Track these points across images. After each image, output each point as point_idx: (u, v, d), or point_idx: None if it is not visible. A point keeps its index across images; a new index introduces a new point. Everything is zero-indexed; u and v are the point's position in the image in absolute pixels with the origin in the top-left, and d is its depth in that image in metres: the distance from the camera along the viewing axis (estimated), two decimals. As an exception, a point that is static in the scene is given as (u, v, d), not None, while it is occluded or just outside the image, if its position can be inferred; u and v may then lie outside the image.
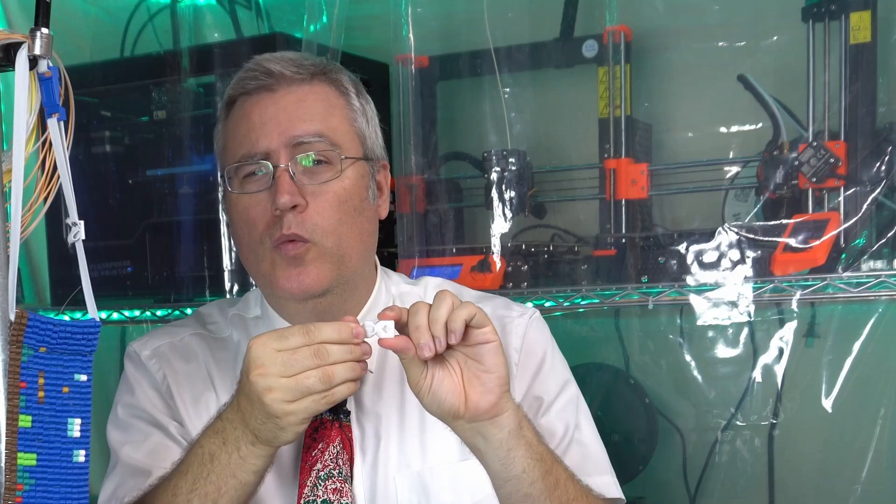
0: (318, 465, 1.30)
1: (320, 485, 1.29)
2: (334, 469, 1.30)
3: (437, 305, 1.12)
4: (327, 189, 1.29)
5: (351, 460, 1.32)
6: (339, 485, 1.30)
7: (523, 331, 1.41)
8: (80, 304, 0.95)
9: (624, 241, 1.96)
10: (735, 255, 1.85)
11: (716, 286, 1.86)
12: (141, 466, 1.30)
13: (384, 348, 1.14)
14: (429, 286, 1.45)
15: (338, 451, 1.31)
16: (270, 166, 1.28)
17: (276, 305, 1.38)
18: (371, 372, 1.36)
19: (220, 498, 1.17)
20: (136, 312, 2.22)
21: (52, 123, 0.93)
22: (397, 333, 1.13)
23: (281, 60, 1.32)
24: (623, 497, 1.39)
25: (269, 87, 1.31)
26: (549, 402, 1.38)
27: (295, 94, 1.31)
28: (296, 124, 1.29)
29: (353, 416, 1.33)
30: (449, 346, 1.13)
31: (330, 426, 1.31)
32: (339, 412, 1.32)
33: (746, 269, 1.84)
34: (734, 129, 2.01)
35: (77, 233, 0.95)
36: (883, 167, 1.77)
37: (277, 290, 1.30)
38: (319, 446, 1.30)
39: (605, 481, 1.36)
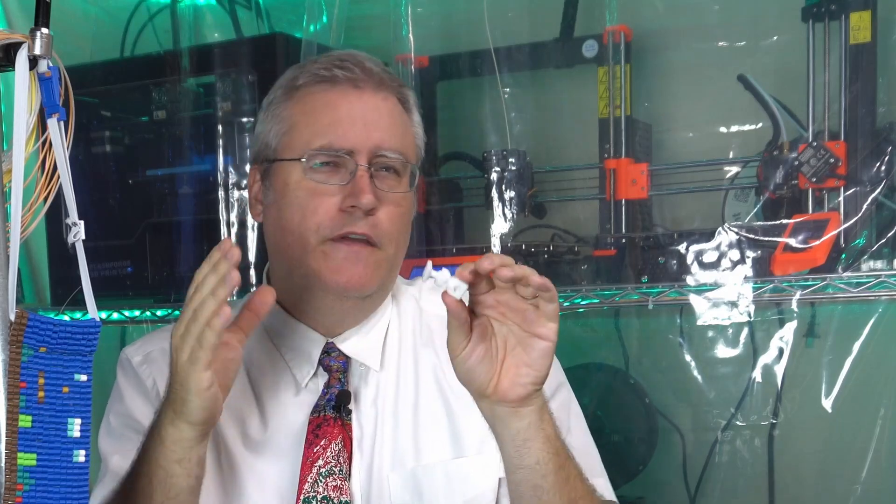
0: (320, 462, 1.30)
1: (321, 481, 1.29)
2: (335, 466, 1.30)
3: (524, 266, 1.11)
4: (398, 199, 1.30)
5: (350, 458, 1.32)
6: (339, 482, 1.30)
7: None
8: (80, 304, 0.95)
9: (624, 241, 1.97)
10: (735, 255, 1.85)
11: (716, 286, 1.86)
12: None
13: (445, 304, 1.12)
14: (423, 286, 1.46)
15: (339, 449, 1.31)
16: (352, 163, 1.28)
17: (296, 300, 1.35)
18: (376, 371, 1.36)
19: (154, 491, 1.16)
20: (136, 312, 2.22)
21: (52, 123, 0.93)
22: (462, 300, 1.11)
23: (373, 61, 1.33)
24: (616, 500, 1.39)
25: (355, 82, 1.30)
26: None
27: (378, 99, 1.31)
28: (382, 133, 1.29)
29: (353, 415, 1.34)
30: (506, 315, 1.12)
31: (333, 423, 1.32)
32: (341, 410, 1.32)
33: (746, 269, 1.84)
34: (734, 129, 2.01)
35: (77, 233, 0.95)
36: (883, 167, 1.77)
37: (324, 279, 1.28)
38: (322, 443, 1.31)
39: (598, 484, 1.35)
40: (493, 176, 2.02)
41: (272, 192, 1.33)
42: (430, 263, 1.15)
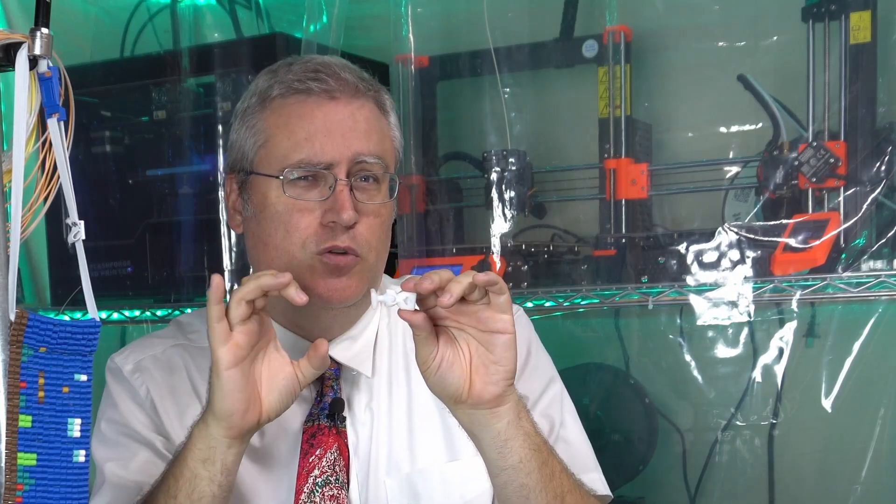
0: (316, 472, 1.29)
1: (317, 491, 1.28)
2: (331, 476, 1.29)
3: (465, 274, 1.11)
4: (378, 210, 1.30)
5: (347, 466, 1.31)
6: (335, 491, 1.29)
7: None
8: (80, 304, 0.95)
9: (624, 241, 1.96)
10: (735, 255, 1.85)
11: (716, 286, 1.86)
12: (130, 485, 1.28)
13: (403, 319, 1.12)
14: None
15: (335, 458, 1.30)
16: (331, 177, 1.27)
17: (283, 309, 1.34)
18: (368, 377, 1.36)
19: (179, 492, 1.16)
20: (136, 312, 2.22)
21: (52, 123, 0.93)
22: (417, 308, 1.11)
23: (347, 69, 1.31)
24: (610, 493, 1.38)
25: (331, 93, 1.28)
26: (533, 400, 1.37)
27: (354, 107, 1.29)
28: (360, 140, 1.28)
29: (348, 422, 1.33)
30: (462, 320, 1.12)
31: (327, 432, 1.31)
32: (335, 418, 1.32)
33: (746, 269, 1.84)
34: (734, 129, 2.01)
35: (77, 233, 0.95)
36: (883, 167, 1.77)
37: (309, 292, 1.24)
38: (317, 452, 1.30)
39: (592, 478, 1.36)
40: (493, 176, 2.02)
41: (251, 206, 1.32)
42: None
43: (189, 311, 1.95)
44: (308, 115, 1.28)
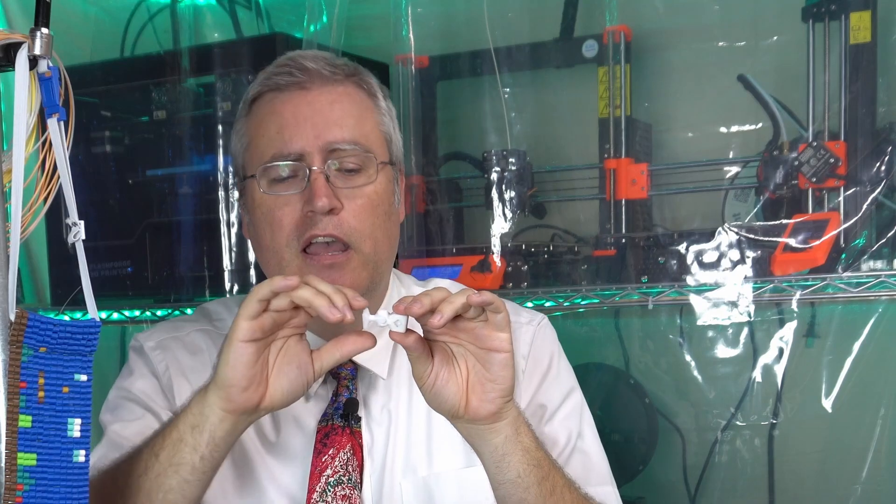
0: (328, 471, 1.29)
1: (329, 491, 1.28)
2: (344, 476, 1.29)
3: (459, 294, 1.09)
4: (362, 193, 1.28)
5: (360, 466, 1.31)
6: (348, 491, 1.29)
7: (531, 338, 1.40)
8: (80, 304, 0.95)
9: (624, 241, 1.97)
10: (735, 255, 1.85)
11: (716, 286, 1.86)
12: (125, 444, 1.27)
13: (395, 341, 1.12)
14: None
15: (348, 458, 1.30)
16: (305, 169, 1.26)
17: None
18: (383, 378, 1.35)
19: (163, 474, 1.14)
20: (136, 312, 2.22)
21: (52, 123, 0.93)
22: (409, 329, 1.11)
23: (315, 59, 1.30)
24: None
25: (301, 84, 1.28)
26: (552, 410, 1.37)
27: (328, 94, 1.29)
28: (332, 129, 1.27)
29: (363, 422, 1.33)
30: (455, 337, 1.11)
31: (341, 432, 1.31)
32: (349, 418, 1.31)
33: (746, 269, 1.85)
34: (734, 129, 2.01)
35: (77, 233, 0.95)
36: (883, 167, 1.77)
37: None
38: (330, 452, 1.30)
39: (606, 492, 1.35)
40: (493, 176, 2.02)
41: (246, 211, 1.34)
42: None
43: (189, 311, 1.95)
44: (278, 110, 1.29)
